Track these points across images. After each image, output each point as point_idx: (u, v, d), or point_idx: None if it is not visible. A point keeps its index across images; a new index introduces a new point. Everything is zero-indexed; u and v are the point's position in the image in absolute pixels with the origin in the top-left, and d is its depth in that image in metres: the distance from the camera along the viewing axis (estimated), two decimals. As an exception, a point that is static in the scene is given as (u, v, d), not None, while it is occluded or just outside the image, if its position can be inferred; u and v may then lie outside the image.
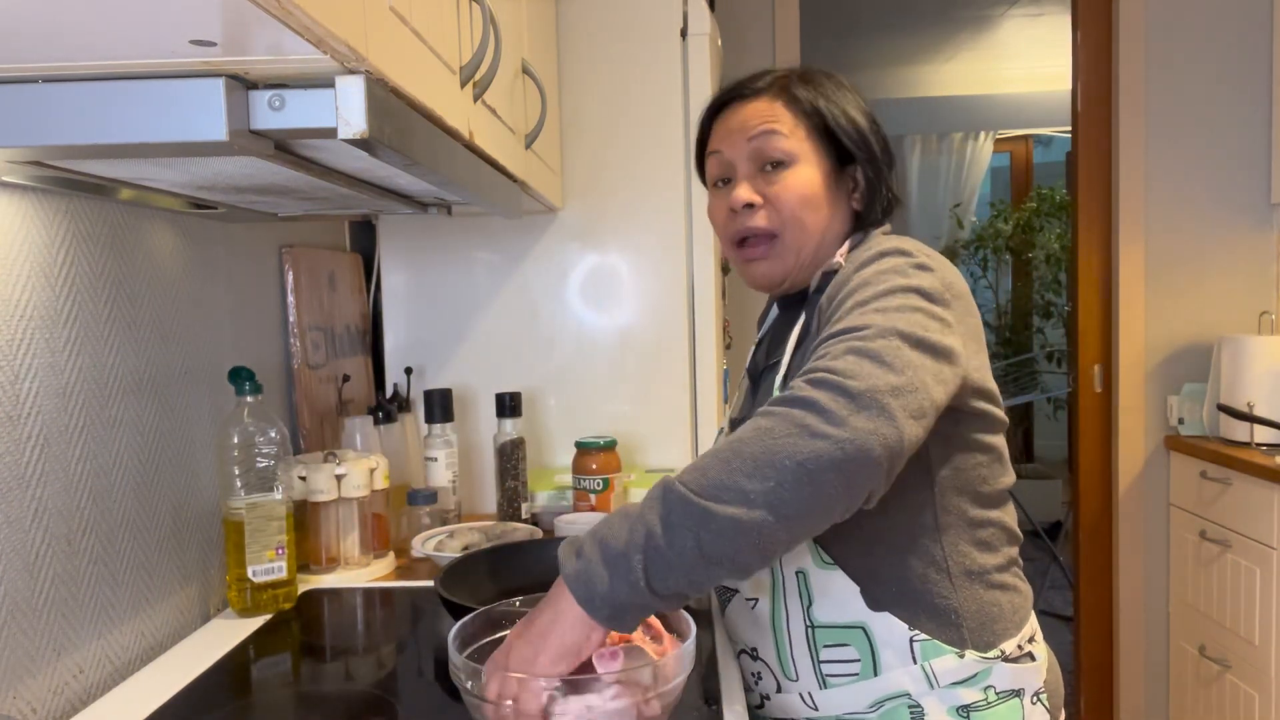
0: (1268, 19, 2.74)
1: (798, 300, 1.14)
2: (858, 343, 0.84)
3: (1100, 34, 2.84)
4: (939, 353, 0.88)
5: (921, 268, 0.96)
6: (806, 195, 1.07)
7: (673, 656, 0.82)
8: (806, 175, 1.07)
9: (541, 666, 0.78)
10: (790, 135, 1.07)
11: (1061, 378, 5.32)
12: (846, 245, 1.09)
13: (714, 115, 1.15)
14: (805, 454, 0.77)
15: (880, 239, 1.05)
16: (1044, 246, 5.33)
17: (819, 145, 1.08)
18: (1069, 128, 3.04)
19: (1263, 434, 2.49)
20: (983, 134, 5.61)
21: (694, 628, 0.87)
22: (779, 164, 1.08)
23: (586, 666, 0.81)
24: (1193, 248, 2.81)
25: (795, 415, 0.79)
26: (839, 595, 1.00)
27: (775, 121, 1.08)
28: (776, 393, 1.03)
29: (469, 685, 0.81)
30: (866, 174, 1.10)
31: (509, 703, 0.78)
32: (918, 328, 0.87)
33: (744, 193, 1.08)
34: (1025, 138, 5.79)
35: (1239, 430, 2.55)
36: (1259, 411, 2.49)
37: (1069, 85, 2.93)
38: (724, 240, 1.14)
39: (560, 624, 0.79)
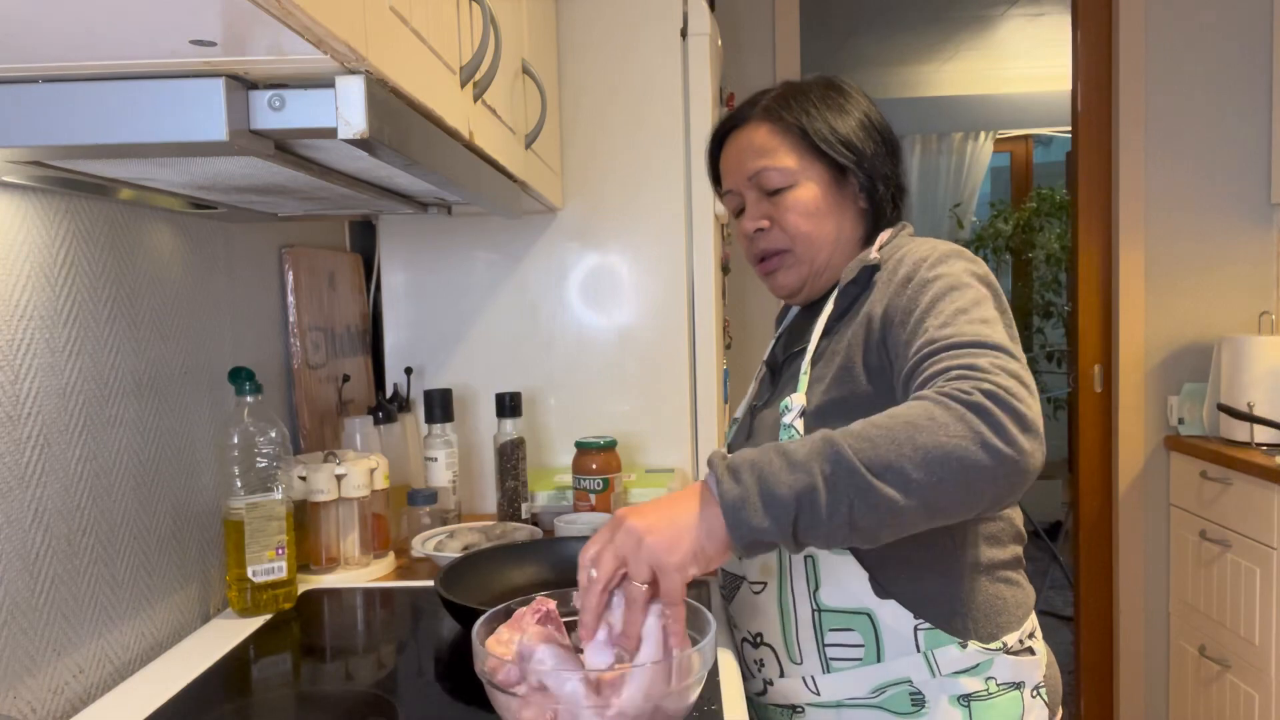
0: (1268, 19, 2.74)
1: (822, 298, 1.20)
2: (1007, 361, 0.89)
3: (1100, 34, 2.84)
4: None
5: (982, 278, 1.03)
6: (808, 210, 1.14)
7: (694, 652, 0.82)
8: (806, 193, 1.15)
9: (679, 559, 0.81)
10: (784, 161, 1.15)
11: (1061, 378, 5.32)
12: (882, 238, 1.14)
13: (718, 146, 1.23)
14: (973, 461, 0.81)
15: (923, 239, 1.11)
16: (1044, 246, 5.33)
17: (813, 160, 1.15)
18: (1069, 128, 3.03)
19: (1263, 434, 2.49)
20: (983, 134, 5.61)
21: (713, 624, 0.86)
22: (779, 190, 1.15)
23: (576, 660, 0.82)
24: (1193, 248, 2.81)
25: (971, 420, 0.83)
26: (846, 580, 1.03)
27: (768, 156, 1.15)
28: (804, 376, 1.09)
29: (496, 679, 0.80)
30: (858, 178, 1.15)
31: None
32: (1018, 349, 0.95)
33: (751, 221, 1.18)
34: (1025, 138, 5.79)
35: (1239, 430, 2.55)
36: (1259, 411, 2.49)
37: (1069, 85, 2.93)
38: (748, 260, 1.23)
39: (701, 530, 0.83)
